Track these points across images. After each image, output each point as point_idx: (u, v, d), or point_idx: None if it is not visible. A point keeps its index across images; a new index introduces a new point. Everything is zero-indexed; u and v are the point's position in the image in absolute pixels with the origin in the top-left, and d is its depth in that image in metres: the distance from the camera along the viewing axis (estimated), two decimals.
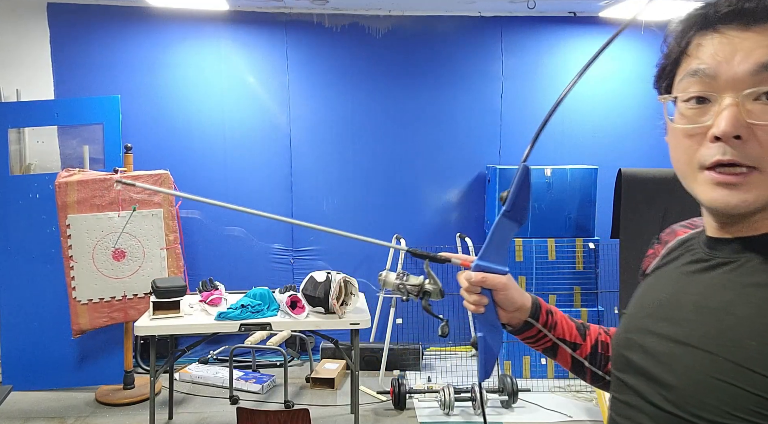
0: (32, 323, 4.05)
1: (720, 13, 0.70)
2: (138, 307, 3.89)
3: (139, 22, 4.38)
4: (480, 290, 0.99)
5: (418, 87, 4.67)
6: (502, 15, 4.65)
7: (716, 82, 0.70)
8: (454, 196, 4.76)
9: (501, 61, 4.67)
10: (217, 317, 3.23)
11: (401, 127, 4.69)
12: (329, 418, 3.72)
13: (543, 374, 4.26)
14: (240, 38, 4.52)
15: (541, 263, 4.25)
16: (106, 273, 3.88)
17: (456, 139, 4.71)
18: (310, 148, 4.65)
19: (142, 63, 4.43)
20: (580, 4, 4.43)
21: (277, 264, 4.67)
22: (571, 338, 1.06)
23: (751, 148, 0.67)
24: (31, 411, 3.78)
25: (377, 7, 4.53)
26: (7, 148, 4.06)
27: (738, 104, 0.67)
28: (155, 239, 3.93)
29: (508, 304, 1.00)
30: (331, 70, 4.61)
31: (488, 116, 4.69)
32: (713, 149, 0.69)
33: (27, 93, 4.28)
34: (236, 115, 4.55)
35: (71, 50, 4.36)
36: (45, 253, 4.02)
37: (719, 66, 0.69)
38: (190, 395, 4.05)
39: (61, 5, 4.33)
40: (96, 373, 4.12)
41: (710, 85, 0.70)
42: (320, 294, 3.21)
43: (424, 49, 4.65)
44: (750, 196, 0.68)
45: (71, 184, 3.81)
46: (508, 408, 3.81)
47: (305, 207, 4.62)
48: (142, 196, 3.89)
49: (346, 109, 4.65)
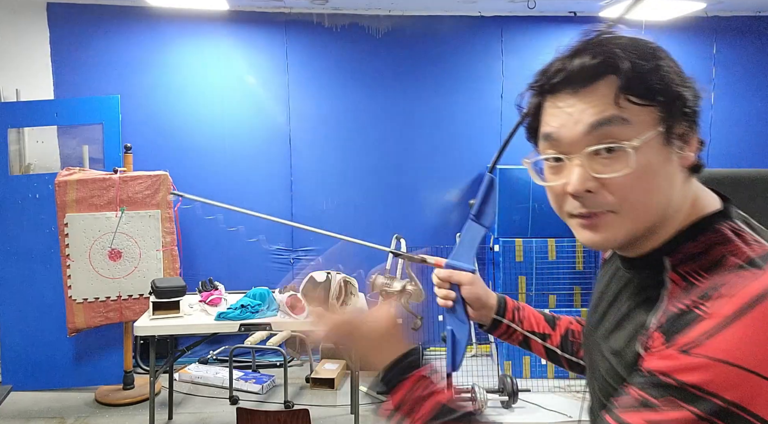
0: (32, 323, 4.05)
1: (551, 83, 0.78)
2: (133, 307, 3.89)
3: (139, 22, 4.38)
4: (449, 285, 1.13)
5: (418, 87, 4.67)
6: (502, 15, 4.65)
7: (562, 145, 0.78)
8: (454, 197, 4.76)
9: (501, 61, 4.67)
10: (216, 317, 3.23)
11: (401, 127, 4.69)
12: (329, 418, 3.72)
13: (543, 374, 4.26)
14: (240, 38, 4.51)
15: (541, 263, 4.25)
16: (102, 273, 3.88)
17: (456, 139, 4.71)
18: (310, 148, 4.64)
19: (142, 63, 4.42)
20: (580, 4, 4.43)
21: (277, 264, 4.67)
22: (539, 329, 1.18)
23: (603, 196, 0.76)
24: (31, 411, 3.78)
25: (377, 7, 4.53)
26: (7, 148, 4.06)
27: (582, 164, 0.75)
28: (152, 240, 3.92)
29: (473, 299, 1.13)
30: (331, 70, 4.61)
31: (488, 116, 4.69)
32: (572, 203, 0.78)
33: (27, 93, 4.28)
34: (236, 115, 4.55)
35: (71, 50, 4.36)
36: (45, 253, 4.02)
37: (561, 130, 0.77)
38: (190, 395, 4.05)
39: (61, 5, 4.33)
40: (96, 373, 4.12)
41: (559, 148, 0.78)
42: (320, 294, 3.20)
43: (424, 49, 4.64)
44: (609, 234, 0.77)
45: (71, 183, 3.81)
46: (508, 408, 3.81)
47: (305, 207, 4.62)
48: (141, 197, 3.89)
49: (346, 109, 4.64)
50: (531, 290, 4.25)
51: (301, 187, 4.66)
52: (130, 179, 3.88)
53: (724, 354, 0.62)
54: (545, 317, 1.20)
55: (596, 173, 0.75)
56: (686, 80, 0.77)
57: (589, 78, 0.75)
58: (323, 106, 4.63)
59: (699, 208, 0.79)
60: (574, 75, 0.76)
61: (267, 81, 4.57)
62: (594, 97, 0.75)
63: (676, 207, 0.78)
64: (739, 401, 0.61)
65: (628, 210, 0.76)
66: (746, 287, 0.65)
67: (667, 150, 0.75)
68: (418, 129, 4.70)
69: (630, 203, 0.75)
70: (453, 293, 1.13)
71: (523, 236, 4.26)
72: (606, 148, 0.74)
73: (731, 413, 0.61)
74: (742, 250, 0.72)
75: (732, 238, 0.75)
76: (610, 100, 0.74)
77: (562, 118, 0.77)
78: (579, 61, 0.76)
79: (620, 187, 0.75)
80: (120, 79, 4.38)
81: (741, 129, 4.82)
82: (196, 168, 4.47)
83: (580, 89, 0.76)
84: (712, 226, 0.77)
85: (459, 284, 1.13)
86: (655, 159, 0.74)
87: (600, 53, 0.75)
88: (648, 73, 0.74)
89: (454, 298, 1.14)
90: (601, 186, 0.75)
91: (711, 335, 0.63)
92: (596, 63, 0.75)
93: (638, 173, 0.73)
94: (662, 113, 0.74)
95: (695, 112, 0.76)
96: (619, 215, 0.76)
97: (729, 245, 0.74)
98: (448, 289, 1.13)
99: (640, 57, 0.75)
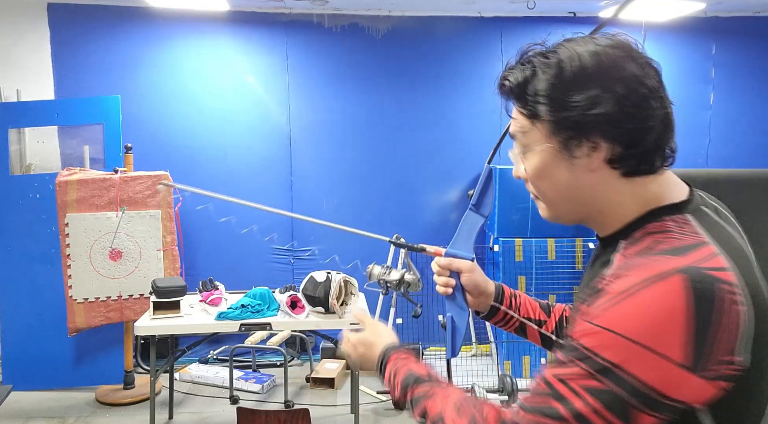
0: (32, 323, 4.06)
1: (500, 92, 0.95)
2: (134, 307, 3.89)
3: (139, 22, 4.39)
4: (449, 273, 1.19)
5: (417, 87, 4.67)
6: (501, 15, 4.66)
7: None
8: (454, 196, 4.77)
9: (501, 61, 4.68)
10: (217, 317, 3.23)
11: (401, 127, 4.70)
12: (329, 418, 3.73)
13: None
14: (240, 38, 4.52)
15: (541, 263, 4.26)
16: (103, 273, 3.88)
17: (456, 139, 4.72)
18: (310, 148, 4.65)
19: (142, 63, 4.43)
20: (580, 4, 4.44)
21: (277, 264, 4.67)
22: (535, 315, 1.24)
23: (528, 185, 0.96)
24: (31, 411, 3.79)
25: (377, 8, 4.54)
26: (8, 148, 4.06)
27: (515, 158, 0.96)
28: (152, 241, 3.93)
29: (472, 287, 1.19)
30: (331, 70, 4.61)
31: (488, 116, 4.69)
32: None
33: (27, 93, 4.29)
34: (236, 115, 4.56)
35: (71, 50, 4.36)
36: (45, 253, 4.02)
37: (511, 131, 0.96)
38: (190, 395, 4.06)
39: (61, 5, 4.34)
40: (96, 373, 4.13)
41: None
42: (320, 294, 3.21)
43: (424, 50, 4.65)
44: (543, 212, 0.97)
45: (71, 182, 3.81)
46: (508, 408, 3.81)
47: (305, 207, 4.62)
48: (141, 197, 3.89)
49: (346, 109, 4.65)
50: (531, 290, 4.25)
51: (301, 187, 4.66)
52: (131, 179, 3.88)
53: (610, 324, 0.75)
54: (540, 304, 1.26)
55: (517, 168, 0.96)
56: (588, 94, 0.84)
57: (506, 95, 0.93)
58: (323, 106, 4.63)
59: (657, 200, 0.88)
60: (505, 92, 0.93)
61: (267, 81, 4.58)
62: (515, 110, 0.93)
63: (613, 201, 0.90)
64: (617, 361, 0.74)
65: (543, 198, 0.94)
66: (646, 270, 0.76)
67: (566, 156, 0.88)
68: (417, 129, 4.70)
69: (541, 194, 0.94)
70: (453, 280, 1.19)
71: (523, 236, 4.27)
72: (521, 149, 0.93)
73: (609, 370, 0.74)
74: (671, 239, 0.81)
75: (670, 228, 0.83)
76: (518, 113, 0.91)
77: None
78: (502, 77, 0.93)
79: (531, 182, 0.94)
80: (120, 79, 4.38)
81: (740, 129, 4.82)
82: (196, 168, 4.47)
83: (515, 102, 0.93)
84: (661, 216, 0.86)
85: (458, 271, 1.19)
86: (548, 163, 0.90)
87: (506, 73, 0.92)
88: (533, 94, 0.87)
89: (454, 285, 1.18)
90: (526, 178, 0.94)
91: (605, 308, 0.76)
92: (501, 83, 0.92)
93: (537, 173, 0.91)
94: (550, 127, 0.87)
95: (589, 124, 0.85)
96: (542, 201, 0.95)
97: (662, 234, 0.83)
98: (447, 277, 1.19)
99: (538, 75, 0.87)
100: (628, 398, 0.74)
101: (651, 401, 0.74)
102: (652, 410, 0.74)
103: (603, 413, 0.74)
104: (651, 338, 0.73)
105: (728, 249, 0.80)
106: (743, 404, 0.79)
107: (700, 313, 0.72)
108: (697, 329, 0.72)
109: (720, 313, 0.73)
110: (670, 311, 0.73)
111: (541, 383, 0.82)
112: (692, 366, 0.73)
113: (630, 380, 0.73)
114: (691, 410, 0.76)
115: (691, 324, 0.72)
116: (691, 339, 0.72)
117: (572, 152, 0.87)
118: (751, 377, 0.77)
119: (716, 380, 0.74)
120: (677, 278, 0.74)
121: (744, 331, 0.75)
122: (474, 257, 1.21)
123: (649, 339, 0.73)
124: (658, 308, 0.73)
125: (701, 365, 0.73)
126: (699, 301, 0.72)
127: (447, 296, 1.19)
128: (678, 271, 0.74)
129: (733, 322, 0.74)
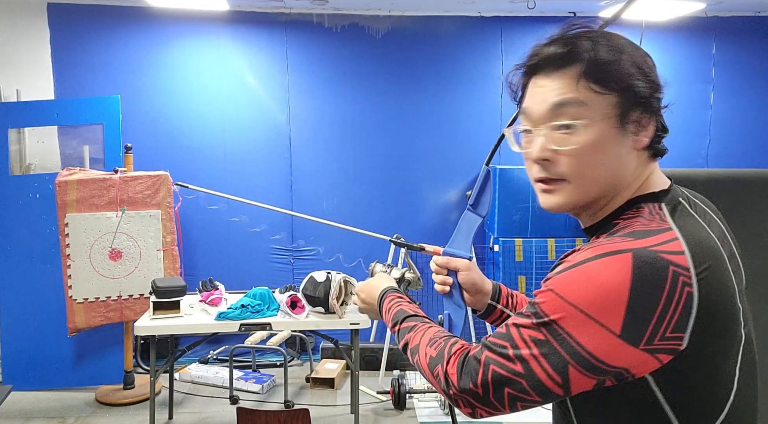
0: (32, 323, 4.05)
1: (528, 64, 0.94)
2: (134, 307, 3.89)
3: (139, 22, 4.39)
4: (447, 271, 1.22)
5: (418, 87, 4.67)
6: (502, 15, 4.66)
7: (533, 119, 0.93)
8: (454, 196, 4.77)
9: (501, 61, 4.68)
10: (217, 317, 3.23)
11: (401, 127, 4.69)
12: (329, 418, 3.73)
13: None
14: (240, 38, 4.52)
15: (541, 263, 4.25)
16: (103, 273, 3.88)
17: (456, 139, 4.72)
18: (310, 147, 4.65)
19: (142, 63, 4.43)
20: (580, 4, 4.44)
21: (277, 264, 4.67)
22: None
23: (558, 165, 0.91)
24: (31, 411, 3.79)
25: (377, 7, 4.54)
26: (7, 148, 4.06)
27: (545, 135, 0.91)
28: (152, 241, 3.93)
29: (469, 285, 1.21)
30: (331, 70, 4.61)
31: (488, 116, 4.69)
32: (536, 168, 0.94)
33: (27, 93, 4.28)
34: (236, 115, 4.56)
35: (71, 50, 4.36)
36: (45, 253, 4.02)
37: (533, 106, 0.93)
38: (190, 395, 4.05)
39: (61, 5, 4.34)
40: (96, 373, 4.13)
41: (530, 121, 0.94)
42: (320, 294, 3.21)
43: (424, 50, 4.65)
44: (561, 199, 0.94)
45: (71, 182, 3.81)
46: None
47: (305, 207, 4.61)
48: (141, 197, 3.89)
49: (346, 109, 4.65)
50: (531, 290, 4.24)
51: (301, 187, 4.66)
52: (131, 179, 3.88)
53: (557, 287, 0.83)
54: None
55: (554, 145, 0.90)
56: (648, 74, 0.89)
57: (558, 64, 0.89)
58: (323, 106, 4.63)
59: (644, 188, 0.92)
60: (545, 60, 0.91)
61: (267, 81, 4.57)
62: (561, 81, 0.89)
63: (625, 184, 0.91)
64: (556, 319, 0.81)
65: (576, 179, 0.91)
66: (603, 247, 0.81)
67: (620, 132, 0.88)
68: (417, 129, 4.70)
69: (578, 174, 0.90)
70: (450, 278, 1.21)
71: (523, 235, 4.27)
72: (564, 124, 0.89)
73: (549, 325, 0.82)
74: (638, 224, 0.85)
75: (643, 215, 0.88)
76: (573, 85, 0.88)
77: (534, 97, 0.93)
78: (552, 49, 0.90)
79: (571, 159, 0.90)
80: (120, 79, 4.38)
81: (740, 129, 4.82)
82: (196, 168, 4.47)
83: (551, 73, 0.90)
84: (639, 203, 0.91)
85: (456, 270, 1.21)
86: (605, 139, 0.88)
87: (569, 44, 0.89)
88: (607, 65, 0.87)
89: (451, 283, 1.20)
90: (557, 156, 0.90)
91: (557, 274, 0.84)
92: (564, 52, 0.89)
93: (586, 149, 0.88)
94: (617, 100, 0.87)
95: (651, 102, 0.89)
96: (570, 183, 0.91)
97: (634, 220, 0.87)
98: (445, 275, 1.22)
99: (604, 50, 0.88)
100: (565, 355, 0.81)
101: (589, 364, 0.80)
102: (593, 374, 0.81)
103: (541, 362, 0.82)
104: (592, 307, 0.79)
105: (692, 239, 0.83)
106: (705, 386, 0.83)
107: (645, 290, 0.77)
108: (640, 304, 0.77)
109: (667, 292, 0.77)
110: (616, 286, 0.78)
111: (503, 328, 0.89)
112: (630, 338, 0.78)
113: (567, 339, 0.80)
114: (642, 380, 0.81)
115: (635, 300, 0.77)
116: (632, 313, 0.77)
117: (627, 128, 0.88)
118: (707, 358, 0.81)
119: (660, 353, 0.79)
120: (628, 255, 0.79)
121: (695, 312, 0.79)
122: (472, 256, 1.23)
123: (590, 308, 0.79)
124: (604, 281, 0.79)
125: (641, 338, 0.78)
126: (645, 279, 0.77)
127: (444, 294, 1.21)
128: (631, 250, 0.79)
129: (681, 303, 0.78)
